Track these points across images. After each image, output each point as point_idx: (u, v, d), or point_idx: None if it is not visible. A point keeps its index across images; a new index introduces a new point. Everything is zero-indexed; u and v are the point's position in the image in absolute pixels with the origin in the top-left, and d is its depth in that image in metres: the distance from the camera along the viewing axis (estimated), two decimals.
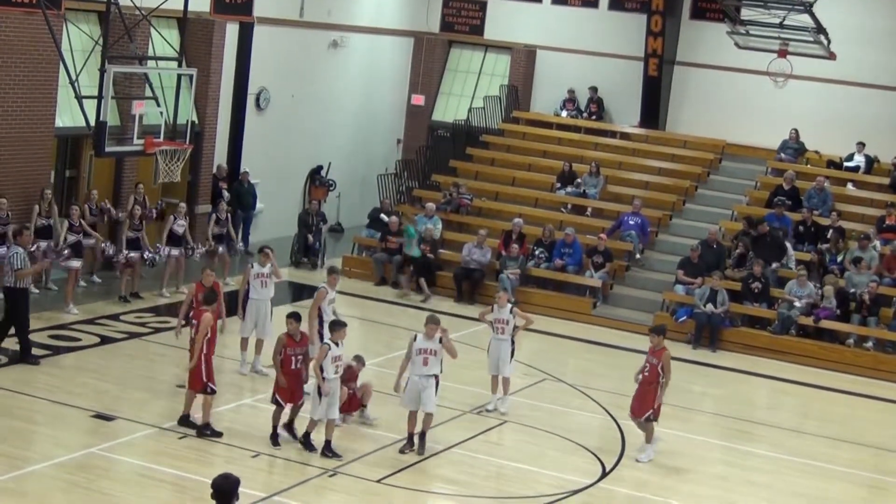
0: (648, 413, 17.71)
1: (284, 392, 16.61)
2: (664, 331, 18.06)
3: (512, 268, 27.22)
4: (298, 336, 16.75)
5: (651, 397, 17.65)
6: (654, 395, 17.63)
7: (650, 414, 17.72)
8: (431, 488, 16.25)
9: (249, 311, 19.90)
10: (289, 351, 16.60)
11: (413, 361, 16.97)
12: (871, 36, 31.13)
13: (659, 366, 17.57)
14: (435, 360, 16.95)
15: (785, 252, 26.97)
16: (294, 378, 16.68)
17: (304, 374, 16.80)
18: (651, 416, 17.73)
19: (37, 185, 23.55)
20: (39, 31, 22.59)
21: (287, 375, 16.57)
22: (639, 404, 17.80)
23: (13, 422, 16.73)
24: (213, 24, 27.59)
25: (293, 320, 16.70)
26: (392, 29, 34.71)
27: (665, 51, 32.31)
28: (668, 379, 17.65)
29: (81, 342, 20.91)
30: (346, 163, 33.21)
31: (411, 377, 17.01)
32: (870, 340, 25.14)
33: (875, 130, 30.84)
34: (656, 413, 17.73)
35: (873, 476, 18.94)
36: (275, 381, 16.73)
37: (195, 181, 28.00)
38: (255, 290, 19.94)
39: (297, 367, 16.68)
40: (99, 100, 20.92)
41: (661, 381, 17.60)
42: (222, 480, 9.61)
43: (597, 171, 30.45)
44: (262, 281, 19.99)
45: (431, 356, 16.90)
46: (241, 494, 9.72)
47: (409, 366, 17.05)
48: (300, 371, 16.73)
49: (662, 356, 17.59)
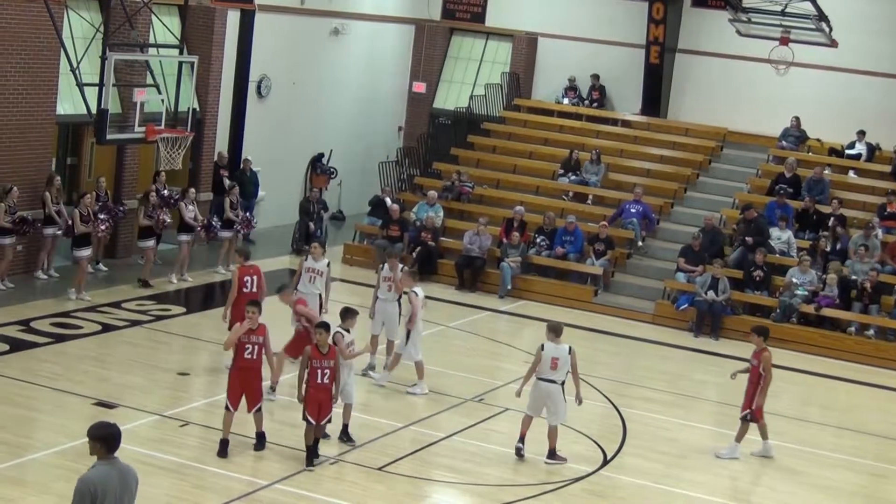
0: (746, 413, 17.86)
1: (312, 408, 15.46)
2: (763, 332, 18.05)
3: (513, 256, 27.22)
4: (326, 348, 15.57)
5: (749, 397, 17.81)
6: (751, 395, 17.79)
7: (747, 414, 17.86)
8: (433, 476, 16.25)
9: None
10: (314, 363, 15.44)
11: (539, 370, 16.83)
12: (873, 23, 31.09)
13: (760, 367, 17.68)
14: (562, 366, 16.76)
15: (768, 236, 27.07)
16: (322, 392, 15.55)
17: (332, 388, 15.67)
18: (748, 415, 17.85)
19: (38, 173, 23.53)
20: (40, 18, 22.57)
21: (313, 389, 15.47)
22: (744, 403, 17.94)
23: (15, 409, 16.75)
24: (214, 12, 27.58)
25: (323, 331, 15.62)
26: (393, 16, 34.66)
27: (667, 38, 32.27)
28: (766, 381, 17.72)
29: (83, 330, 20.92)
30: (347, 150, 33.19)
31: (536, 383, 16.90)
32: (871, 328, 25.16)
33: (876, 118, 30.82)
34: (754, 414, 17.83)
35: (874, 464, 18.97)
36: (303, 397, 15.62)
37: (196, 169, 28.00)
38: (303, 284, 19.84)
39: (323, 381, 15.50)
40: (100, 87, 20.91)
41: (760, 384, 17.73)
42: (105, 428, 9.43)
43: (598, 159, 30.43)
44: (311, 276, 19.90)
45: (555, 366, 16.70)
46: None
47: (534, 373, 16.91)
48: (328, 385, 15.56)
49: (761, 357, 17.71)
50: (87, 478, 9.28)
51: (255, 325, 15.68)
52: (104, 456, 9.36)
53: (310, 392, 15.46)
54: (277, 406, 17.90)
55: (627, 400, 20.33)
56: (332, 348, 15.67)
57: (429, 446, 17.01)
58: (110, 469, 9.34)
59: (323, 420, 15.62)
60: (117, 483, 9.33)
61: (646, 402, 20.47)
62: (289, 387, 17.32)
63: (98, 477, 9.29)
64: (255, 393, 15.80)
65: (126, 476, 9.40)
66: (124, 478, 9.39)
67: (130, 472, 9.44)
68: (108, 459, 9.36)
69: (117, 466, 9.37)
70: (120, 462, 9.39)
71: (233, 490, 14.69)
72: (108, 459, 9.36)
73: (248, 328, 15.64)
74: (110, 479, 9.33)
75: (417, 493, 15.66)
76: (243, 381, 15.69)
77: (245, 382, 15.70)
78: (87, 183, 25.36)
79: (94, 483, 9.24)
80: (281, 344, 17.84)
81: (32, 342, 19.78)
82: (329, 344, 15.62)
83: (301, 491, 14.97)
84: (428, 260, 27.72)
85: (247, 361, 15.68)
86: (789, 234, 27.30)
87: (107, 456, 9.36)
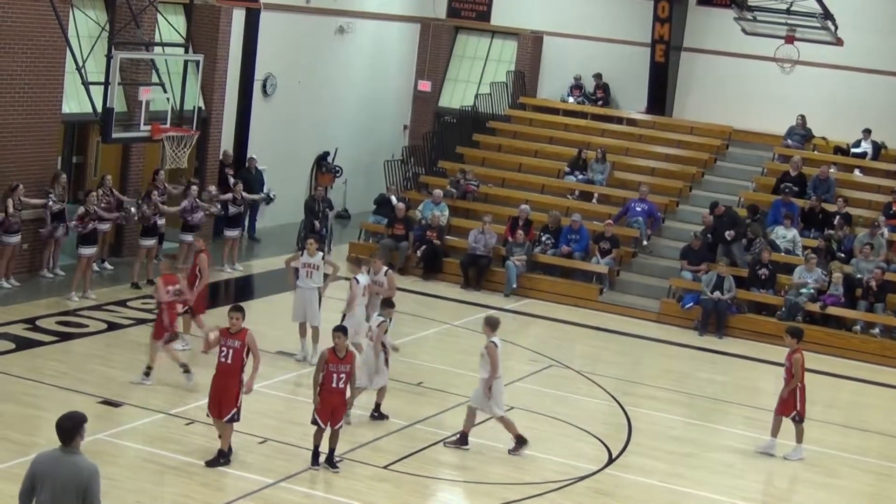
0: (793, 414, 17.96)
1: (324, 412, 15.28)
2: (796, 333, 18.15)
3: (518, 254, 27.23)
4: (343, 352, 15.33)
5: (791, 399, 17.92)
6: (793, 396, 17.90)
7: (794, 415, 17.95)
8: (438, 474, 16.26)
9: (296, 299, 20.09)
10: (331, 367, 15.20)
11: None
12: (879, 22, 31.06)
13: (791, 368, 17.85)
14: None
15: (740, 224, 27.20)
16: (337, 396, 15.36)
17: (347, 392, 15.56)
18: (795, 416, 17.94)
19: (44, 172, 23.56)
20: (46, 17, 22.59)
21: (327, 393, 15.25)
22: (788, 405, 18.06)
23: (20, 408, 16.77)
24: (219, 10, 27.59)
25: (341, 334, 15.43)
26: (399, 15, 34.67)
27: (672, 37, 32.25)
28: (793, 381, 17.82)
29: (89, 328, 20.95)
30: (352, 149, 33.20)
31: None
32: (876, 327, 25.14)
33: (882, 117, 30.79)
34: (800, 414, 17.94)
35: (879, 462, 18.94)
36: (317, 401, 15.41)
37: (202, 167, 28.02)
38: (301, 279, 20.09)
39: (338, 386, 15.29)
40: (106, 86, 20.96)
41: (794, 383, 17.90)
42: (65, 419, 9.55)
43: (603, 158, 30.42)
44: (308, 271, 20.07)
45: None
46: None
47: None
48: (343, 390, 15.38)
49: (791, 359, 17.86)
50: (34, 458, 9.58)
51: (236, 329, 15.30)
52: (62, 445, 9.50)
53: (323, 396, 15.29)
54: (281, 404, 17.94)
55: (633, 398, 20.32)
56: (350, 353, 15.49)
57: (434, 444, 17.01)
58: (61, 456, 9.47)
59: (336, 425, 15.45)
60: (63, 472, 9.41)
61: (651, 400, 20.47)
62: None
63: (43, 459, 9.53)
64: (231, 400, 15.30)
65: (77, 468, 9.44)
66: (74, 468, 9.43)
67: (84, 467, 9.46)
68: (64, 448, 9.48)
69: (70, 458, 9.46)
70: (77, 455, 9.48)
71: (239, 488, 14.70)
72: (64, 448, 9.48)
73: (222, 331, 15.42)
74: (57, 465, 9.44)
75: (423, 492, 15.66)
76: (217, 387, 15.38)
77: (218, 388, 15.37)
78: (91, 181, 25.39)
79: (38, 463, 9.52)
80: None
81: (38, 341, 19.80)
82: (346, 348, 15.44)
83: (307, 489, 14.98)
84: (433, 258, 27.74)
85: (222, 366, 15.31)
86: (794, 232, 27.28)
87: (63, 446, 9.49)
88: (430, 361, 20.70)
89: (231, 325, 15.25)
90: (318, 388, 15.29)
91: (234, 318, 15.27)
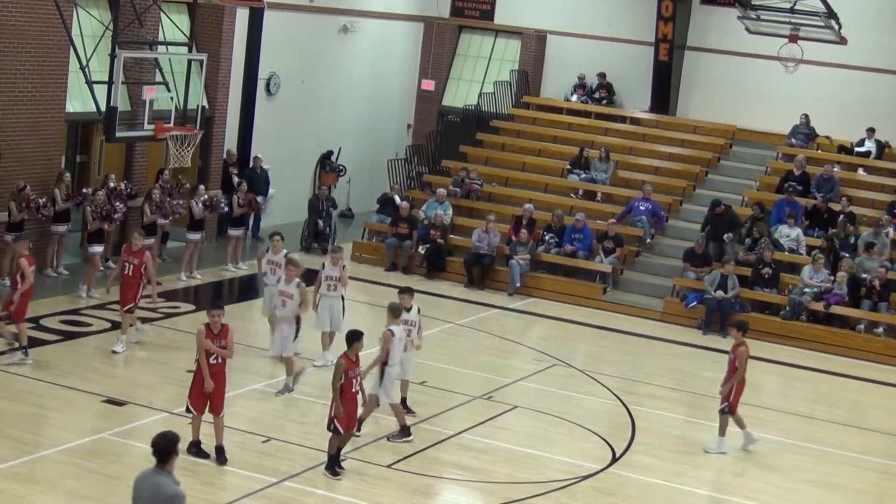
0: (724, 405, 17.96)
1: (346, 420, 15.25)
2: (741, 326, 18.20)
3: (522, 253, 27.23)
4: (354, 357, 15.34)
5: (727, 390, 17.95)
6: (730, 388, 17.91)
7: (724, 406, 17.94)
8: (442, 473, 16.26)
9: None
10: (350, 374, 15.16)
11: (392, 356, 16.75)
12: (883, 21, 31.02)
13: (735, 361, 17.86)
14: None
15: (738, 226, 27.33)
16: (354, 402, 15.40)
17: (359, 396, 15.55)
18: (725, 408, 17.93)
19: (48, 171, 23.57)
20: (50, 16, 22.61)
21: (346, 400, 15.16)
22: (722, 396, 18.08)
23: (24, 407, 16.78)
24: (223, 9, 27.60)
25: (356, 341, 15.39)
26: (402, 14, 34.67)
27: (676, 36, 32.23)
28: (737, 374, 17.84)
29: (93, 327, 20.95)
30: (356, 148, 33.20)
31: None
32: (880, 326, 25.12)
33: (886, 115, 30.75)
34: (731, 407, 17.91)
35: (883, 462, 18.93)
36: (332, 407, 15.25)
37: (206, 167, 28.03)
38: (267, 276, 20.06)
39: (356, 390, 15.34)
40: (109, 85, 20.97)
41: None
42: (160, 438, 9.71)
43: (607, 157, 30.41)
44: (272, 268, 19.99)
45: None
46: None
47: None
48: (357, 394, 15.42)
49: (737, 352, 17.89)
50: (138, 474, 9.81)
51: (217, 328, 15.33)
52: (156, 464, 9.69)
53: (343, 403, 15.18)
54: (285, 404, 17.94)
55: (636, 398, 20.32)
56: (359, 357, 15.43)
57: (438, 444, 17.02)
58: (151, 476, 9.65)
59: (352, 429, 15.54)
60: (147, 492, 9.59)
61: (655, 399, 20.47)
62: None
63: (139, 477, 9.75)
64: (221, 396, 15.38)
65: (158, 490, 9.56)
66: (155, 489, 9.57)
67: (165, 490, 9.56)
68: (157, 468, 9.67)
69: (157, 478, 9.61)
70: (163, 477, 9.62)
71: (243, 487, 14.71)
72: (157, 468, 9.67)
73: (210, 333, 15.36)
74: (144, 485, 9.64)
75: (427, 491, 15.67)
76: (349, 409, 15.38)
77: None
78: (95, 180, 25.40)
79: (136, 480, 9.75)
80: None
81: (42, 339, 19.80)
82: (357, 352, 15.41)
83: (310, 488, 14.98)
84: (437, 257, 27.73)
85: (210, 366, 15.32)
86: (798, 231, 27.27)
87: (157, 465, 9.68)
88: (433, 360, 20.69)
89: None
90: (339, 396, 15.13)
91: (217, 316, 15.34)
